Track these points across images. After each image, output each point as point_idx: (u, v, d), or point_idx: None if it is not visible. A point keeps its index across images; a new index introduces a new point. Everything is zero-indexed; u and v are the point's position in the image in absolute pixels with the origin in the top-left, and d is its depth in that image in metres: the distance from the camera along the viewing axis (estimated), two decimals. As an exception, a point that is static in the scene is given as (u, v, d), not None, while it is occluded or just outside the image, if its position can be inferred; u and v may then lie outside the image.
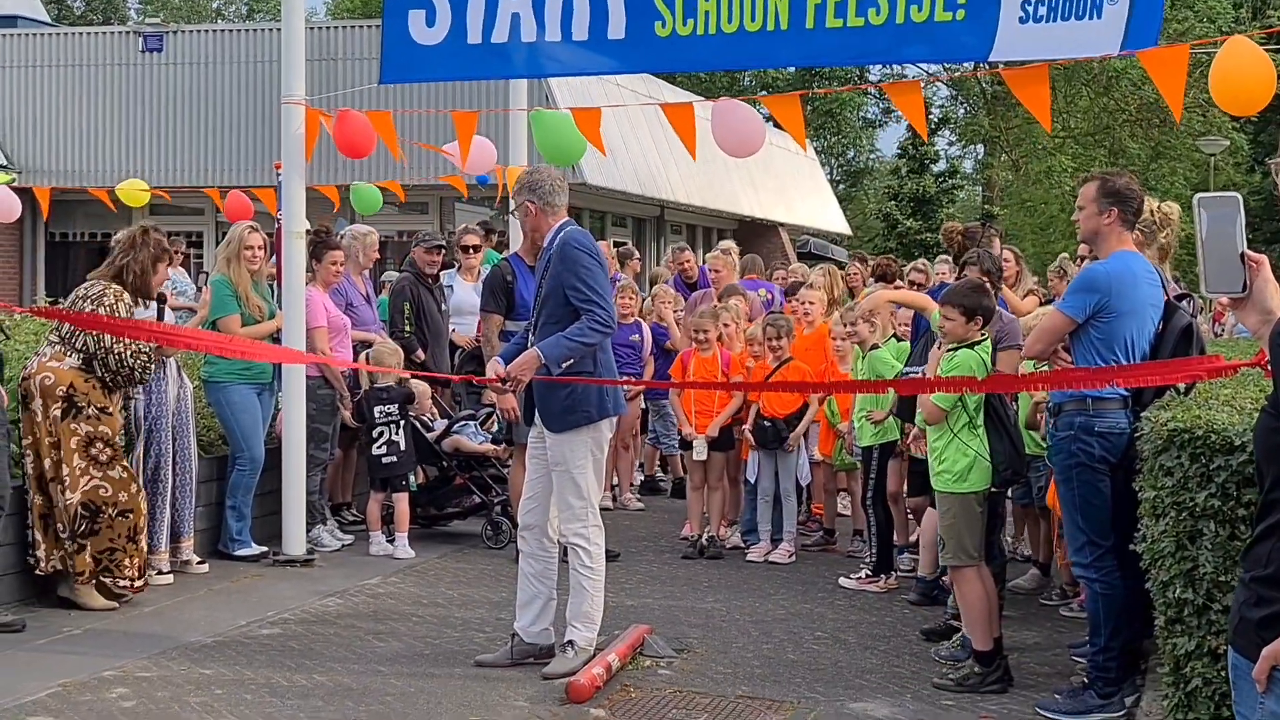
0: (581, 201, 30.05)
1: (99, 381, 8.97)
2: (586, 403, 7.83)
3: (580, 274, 7.82)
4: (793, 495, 11.15)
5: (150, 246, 9.25)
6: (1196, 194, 3.78)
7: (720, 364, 11.39)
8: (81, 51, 29.16)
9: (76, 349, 8.94)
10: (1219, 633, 6.03)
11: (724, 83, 54.30)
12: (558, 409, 7.82)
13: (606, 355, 8.09)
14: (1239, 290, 3.65)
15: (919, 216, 50.07)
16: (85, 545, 8.92)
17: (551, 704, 7.28)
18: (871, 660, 8.20)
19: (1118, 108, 47.81)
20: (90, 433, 8.91)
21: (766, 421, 11.05)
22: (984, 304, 7.92)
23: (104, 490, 8.94)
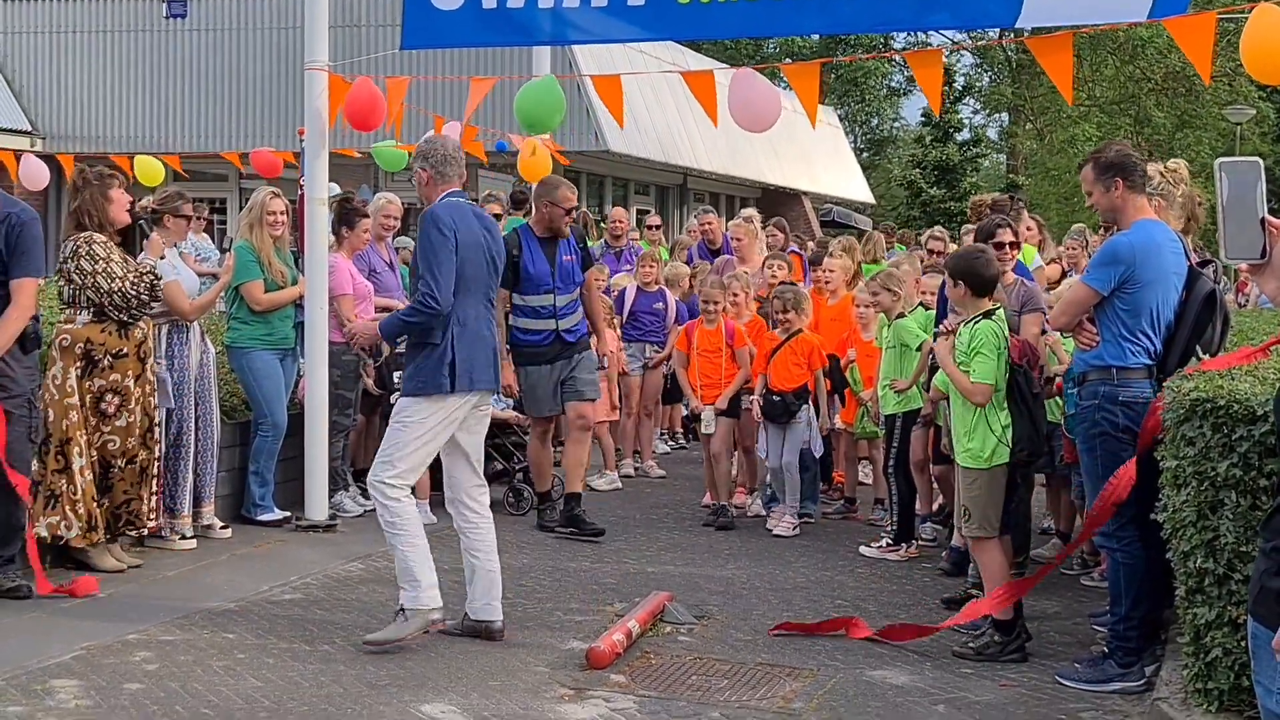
0: (604, 169, 30.07)
1: (115, 325, 8.97)
2: (432, 374, 7.61)
3: (423, 248, 7.71)
4: (795, 468, 10.93)
5: (91, 181, 9.10)
6: (1218, 158, 3.74)
7: (724, 335, 11.33)
8: (106, 17, 29.19)
9: (83, 305, 8.96)
10: (1239, 603, 6.02)
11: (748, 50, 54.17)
12: (408, 374, 7.81)
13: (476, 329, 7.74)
14: (1258, 256, 3.61)
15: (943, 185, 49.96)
16: (103, 503, 8.97)
17: (572, 670, 7.30)
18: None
19: (1143, 76, 47.57)
20: (103, 385, 8.92)
21: (775, 395, 10.92)
22: (974, 269, 7.90)
23: (112, 444, 8.98)
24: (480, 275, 7.82)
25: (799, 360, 10.94)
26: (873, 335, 11.07)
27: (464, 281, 7.69)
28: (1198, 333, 7.18)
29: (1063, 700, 7.01)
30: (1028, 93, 51.73)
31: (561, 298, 10.67)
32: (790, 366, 10.91)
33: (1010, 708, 6.90)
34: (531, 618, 8.33)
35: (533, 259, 10.61)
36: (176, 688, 6.80)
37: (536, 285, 10.63)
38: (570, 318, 10.71)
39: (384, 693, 6.84)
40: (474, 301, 7.76)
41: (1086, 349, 7.32)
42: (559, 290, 10.65)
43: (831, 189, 40.42)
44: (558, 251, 10.68)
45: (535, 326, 10.67)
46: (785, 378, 10.93)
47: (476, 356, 7.71)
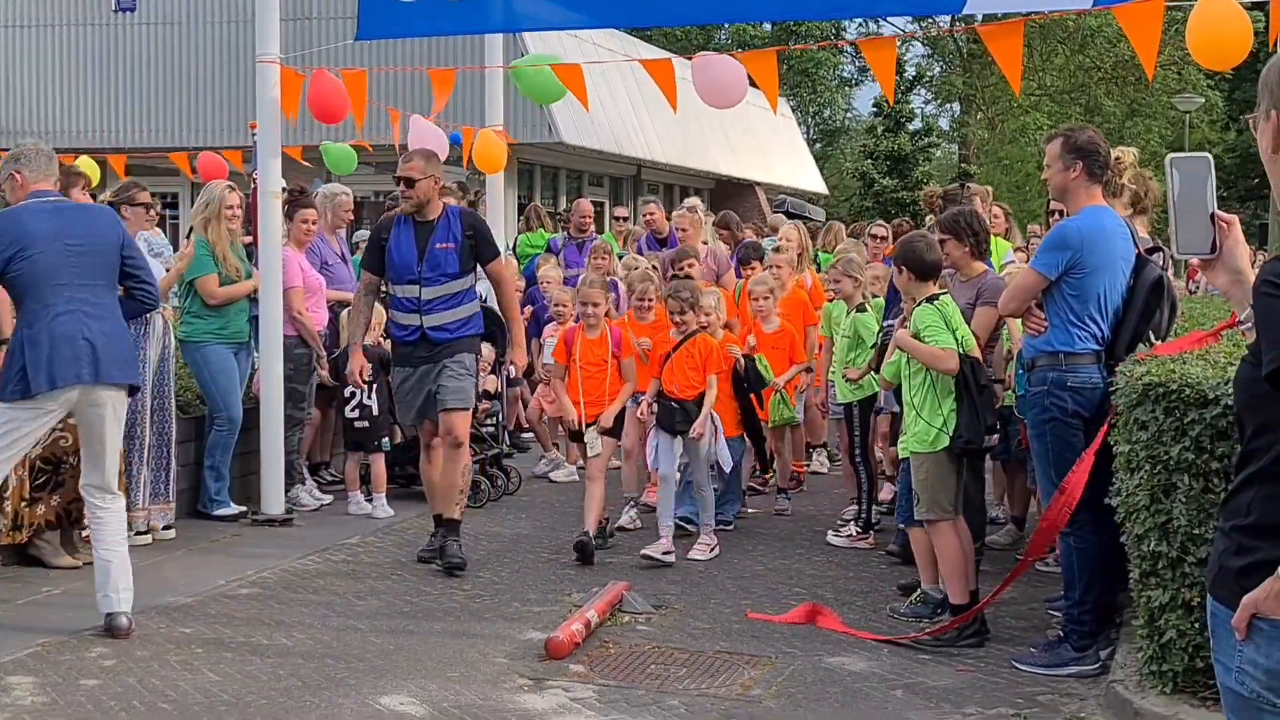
0: (558, 161, 30.04)
1: None
2: (6, 378, 7.43)
3: None
4: (706, 485, 9.91)
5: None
6: (1170, 154, 3.76)
7: (610, 344, 9.94)
8: (53, 11, 28.98)
9: None
10: (1193, 585, 6.08)
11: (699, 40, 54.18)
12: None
13: (53, 328, 7.38)
14: (1209, 251, 3.63)
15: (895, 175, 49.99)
16: (41, 500, 8.91)
17: (531, 660, 7.31)
18: (849, 615, 8.24)
19: (1093, 65, 47.85)
20: None
21: (672, 401, 9.83)
22: (915, 254, 7.97)
23: (64, 440, 8.93)
24: (57, 268, 7.42)
25: (696, 365, 9.82)
26: (775, 326, 11.08)
27: (32, 281, 7.40)
28: (1146, 318, 7.23)
29: (1019, 684, 7.06)
30: (979, 82, 51.92)
31: (428, 290, 9.34)
32: (688, 371, 9.81)
33: (967, 692, 6.94)
34: (489, 609, 8.34)
35: (399, 244, 9.46)
36: (134, 683, 6.78)
37: (400, 274, 9.45)
38: (440, 314, 9.36)
39: (342, 685, 6.84)
40: (50, 299, 7.39)
41: (1035, 335, 7.37)
42: (425, 281, 9.34)
43: (785, 180, 40.48)
44: (431, 237, 9.39)
45: (402, 321, 9.48)
46: (683, 384, 9.82)
47: (56, 354, 7.33)
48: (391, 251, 9.42)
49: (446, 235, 9.38)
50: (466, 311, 9.43)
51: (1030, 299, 7.32)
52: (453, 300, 9.36)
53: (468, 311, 9.45)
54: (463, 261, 9.38)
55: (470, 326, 9.44)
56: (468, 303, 9.46)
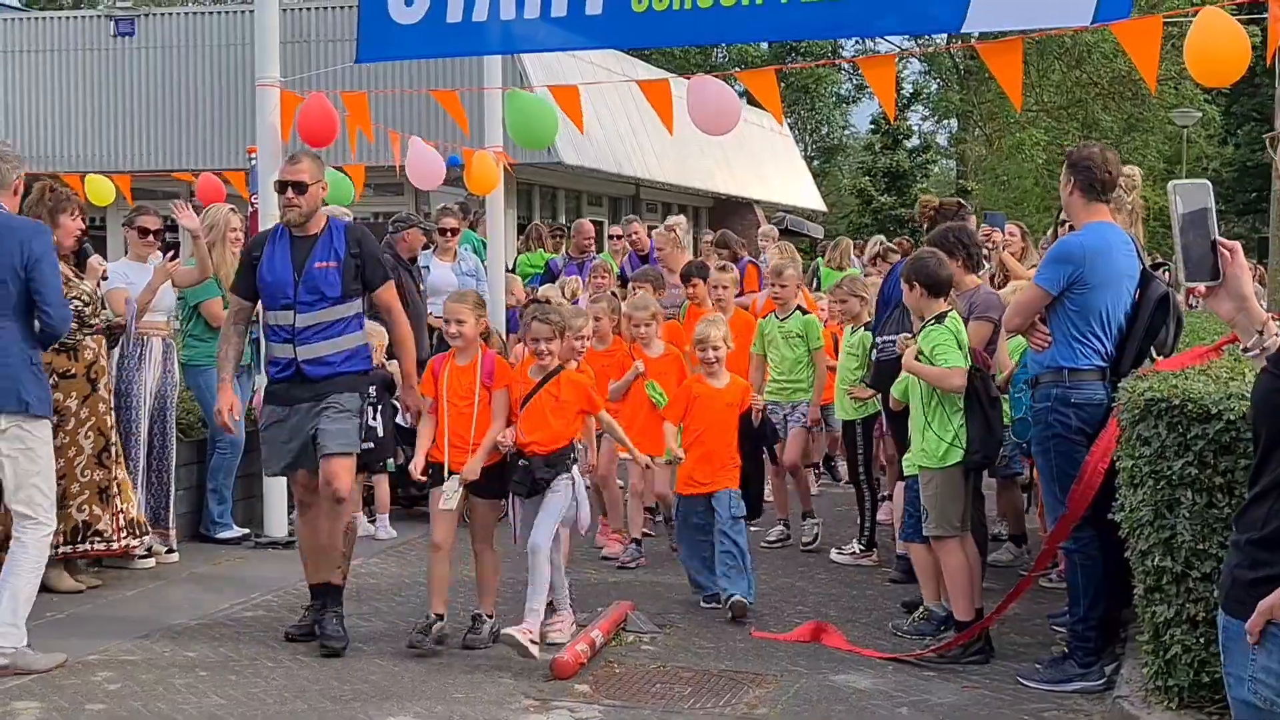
0: (556, 180, 30.08)
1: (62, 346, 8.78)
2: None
3: None
4: (543, 551, 7.90)
5: (46, 201, 8.92)
6: (1172, 181, 3.73)
7: (479, 372, 8.05)
8: (53, 36, 29.04)
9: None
10: (1198, 600, 6.08)
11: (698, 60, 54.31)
12: None
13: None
14: (1212, 279, 3.59)
15: (893, 192, 50.10)
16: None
17: (536, 680, 7.30)
18: (854, 633, 8.24)
19: (1090, 81, 47.93)
20: None
21: (522, 460, 8.00)
22: (927, 271, 7.98)
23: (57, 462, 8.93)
24: None
25: (562, 409, 8.06)
26: (659, 351, 10.32)
27: None
28: (1151, 334, 7.23)
29: (1025, 701, 7.06)
30: (976, 99, 52.03)
31: (304, 316, 8.00)
32: (549, 418, 8.00)
33: (973, 709, 6.94)
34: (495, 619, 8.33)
35: (271, 263, 8.12)
36: (139, 707, 6.79)
37: (273, 297, 8.13)
38: (316, 345, 8.01)
39: (348, 707, 6.84)
40: None
41: (1039, 351, 7.37)
42: (300, 306, 8.01)
43: (783, 197, 40.52)
44: (310, 255, 8.09)
45: (275, 353, 8.17)
46: (544, 435, 7.99)
47: None
48: (263, 271, 8.13)
49: (327, 252, 8.11)
50: (350, 343, 8.11)
51: (1033, 314, 7.31)
52: (332, 329, 8.02)
53: (352, 343, 8.12)
54: (345, 283, 8.09)
55: (356, 361, 8.11)
56: (351, 332, 8.12)
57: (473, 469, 7.91)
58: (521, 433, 7.99)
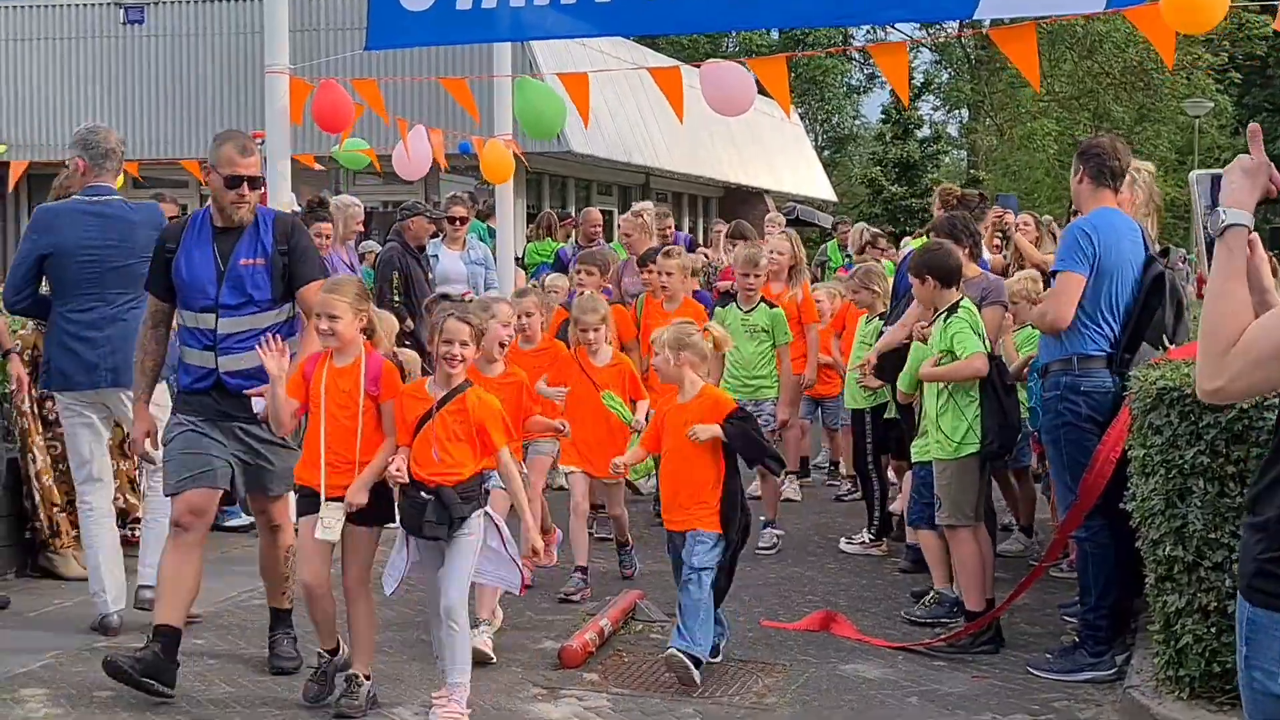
0: (565, 169, 30.05)
1: None
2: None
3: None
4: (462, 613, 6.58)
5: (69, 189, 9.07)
6: (1193, 171, 3.62)
7: (362, 376, 6.70)
8: (63, 25, 29.04)
9: None
10: (1209, 590, 6.06)
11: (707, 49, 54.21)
12: None
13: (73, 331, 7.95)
14: None
15: (904, 182, 50.00)
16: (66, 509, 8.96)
17: (544, 669, 7.30)
18: (863, 623, 8.22)
19: (1102, 71, 47.80)
20: (45, 392, 8.90)
21: (425, 493, 6.54)
22: (937, 263, 8.00)
23: (54, 449, 8.95)
24: (85, 277, 7.92)
25: (465, 432, 6.65)
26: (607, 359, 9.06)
27: (62, 284, 7.95)
28: (1148, 314, 7.19)
29: (1035, 690, 7.04)
30: (987, 89, 51.94)
31: (227, 320, 7.04)
32: (448, 444, 6.62)
33: (983, 699, 6.93)
34: (505, 621, 8.31)
35: (190, 258, 7.12)
36: (146, 696, 6.76)
37: (192, 297, 7.11)
38: (240, 355, 7.01)
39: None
40: (75, 304, 7.86)
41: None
42: (223, 309, 7.04)
43: (794, 187, 40.46)
44: (236, 249, 7.10)
45: (191, 360, 7.16)
46: (444, 460, 6.60)
47: (67, 360, 7.93)
48: (181, 267, 7.12)
49: (254, 248, 7.14)
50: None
51: (1078, 298, 7.20)
52: (260, 336, 6.88)
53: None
54: (275, 284, 7.12)
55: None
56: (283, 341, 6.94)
57: (359, 493, 6.62)
58: (414, 462, 6.61)
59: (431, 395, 6.69)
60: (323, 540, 6.67)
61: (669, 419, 7.47)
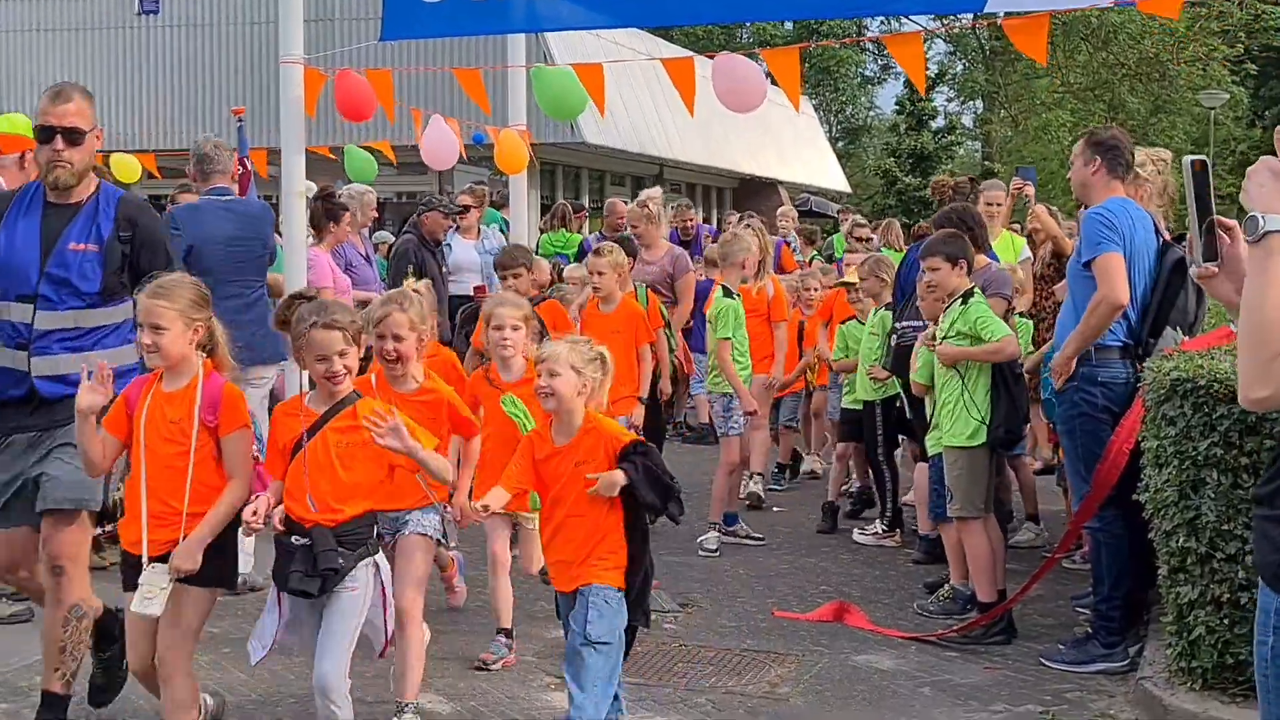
0: (580, 160, 30.06)
1: None
2: None
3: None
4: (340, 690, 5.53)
5: None
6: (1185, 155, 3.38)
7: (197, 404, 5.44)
8: (79, 15, 29.12)
9: None
10: (1222, 581, 6.07)
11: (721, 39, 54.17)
12: None
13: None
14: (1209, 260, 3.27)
15: (918, 173, 49.95)
16: None
17: (557, 658, 7.28)
18: (876, 613, 8.23)
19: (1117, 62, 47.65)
20: None
21: (298, 536, 5.42)
22: (962, 248, 8.08)
23: None
24: (228, 265, 8.77)
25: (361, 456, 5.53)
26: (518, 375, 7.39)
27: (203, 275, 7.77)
28: (1170, 301, 7.19)
29: (1047, 681, 7.05)
30: (1002, 80, 51.82)
31: (45, 315, 5.99)
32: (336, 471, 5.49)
33: (995, 689, 6.93)
34: (516, 608, 8.31)
35: (10, 236, 6.04)
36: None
37: (8, 283, 6.01)
38: (59, 357, 5.99)
39: (372, 684, 6.83)
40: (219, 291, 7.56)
41: None
42: (42, 300, 5.98)
43: (807, 178, 40.46)
44: (66, 231, 6.04)
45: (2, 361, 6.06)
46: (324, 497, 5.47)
47: None
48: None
49: (88, 230, 6.06)
50: (112, 359, 5.76)
51: (1124, 276, 7.10)
52: (86, 338, 6.02)
53: (114, 359, 5.81)
54: (107, 275, 6.06)
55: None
56: (114, 345, 6.08)
57: (188, 556, 5.30)
58: (289, 498, 5.47)
59: (313, 411, 5.56)
60: (141, 615, 5.34)
61: (554, 463, 5.77)
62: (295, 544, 5.40)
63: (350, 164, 14.55)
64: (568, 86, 10.93)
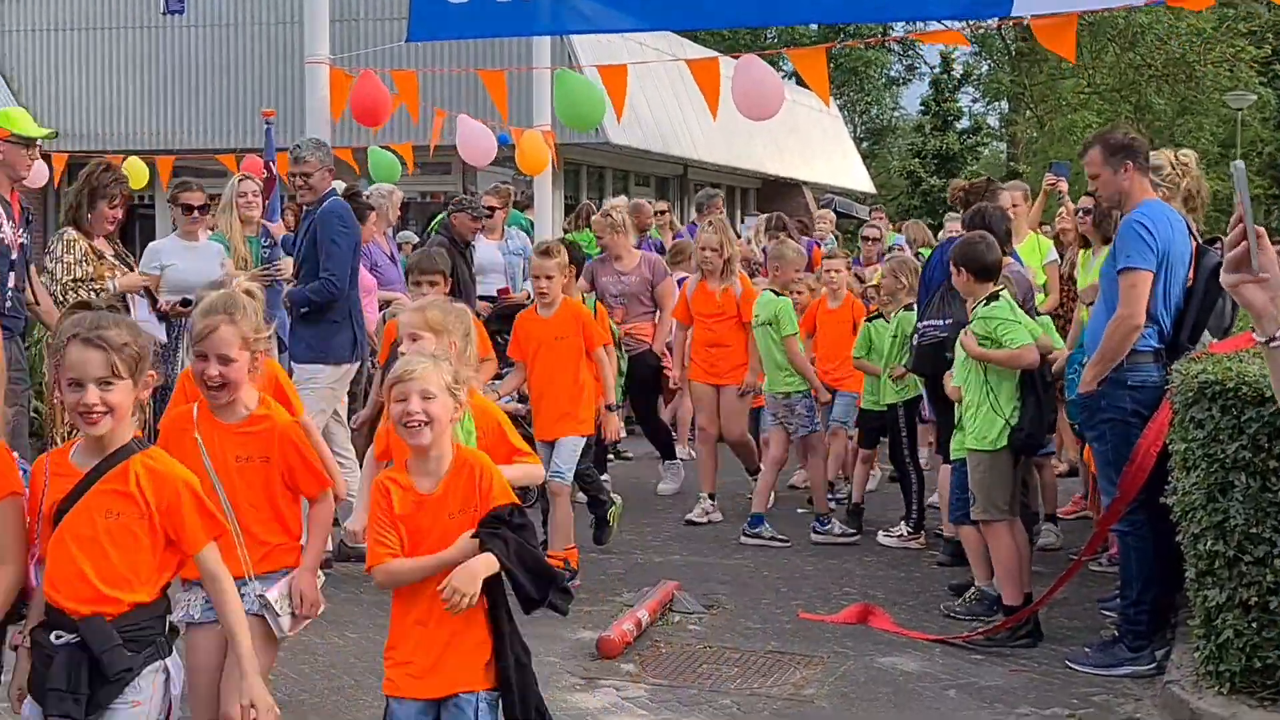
0: (604, 160, 30.06)
1: None
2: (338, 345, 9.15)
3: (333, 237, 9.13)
4: None
5: (90, 181, 9.17)
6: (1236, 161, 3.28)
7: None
8: (103, 14, 29.16)
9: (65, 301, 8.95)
10: (1250, 584, 6.04)
11: (747, 40, 54.12)
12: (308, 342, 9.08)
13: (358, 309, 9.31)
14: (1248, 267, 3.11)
15: (943, 174, 49.84)
16: None
17: (582, 659, 7.31)
18: (901, 615, 8.20)
19: (1143, 63, 47.51)
20: None
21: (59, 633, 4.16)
22: (975, 255, 7.98)
23: None
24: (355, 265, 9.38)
25: (138, 528, 4.23)
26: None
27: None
28: (1208, 307, 7.16)
29: (1074, 684, 7.02)
30: (1027, 80, 51.68)
31: None
32: (104, 546, 4.21)
33: (1021, 692, 6.91)
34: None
35: None
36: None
37: None
38: None
39: (395, 684, 6.83)
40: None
41: None
42: None
43: (832, 179, 40.36)
44: None
45: None
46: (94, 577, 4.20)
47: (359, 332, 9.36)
48: None
49: None
50: None
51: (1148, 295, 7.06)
52: None
53: None
54: None
55: None
56: None
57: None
58: (49, 584, 4.21)
59: (77, 469, 4.27)
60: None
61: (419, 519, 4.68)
62: (55, 645, 4.12)
63: (375, 166, 14.59)
64: (587, 96, 10.94)
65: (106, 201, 9.12)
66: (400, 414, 4.59)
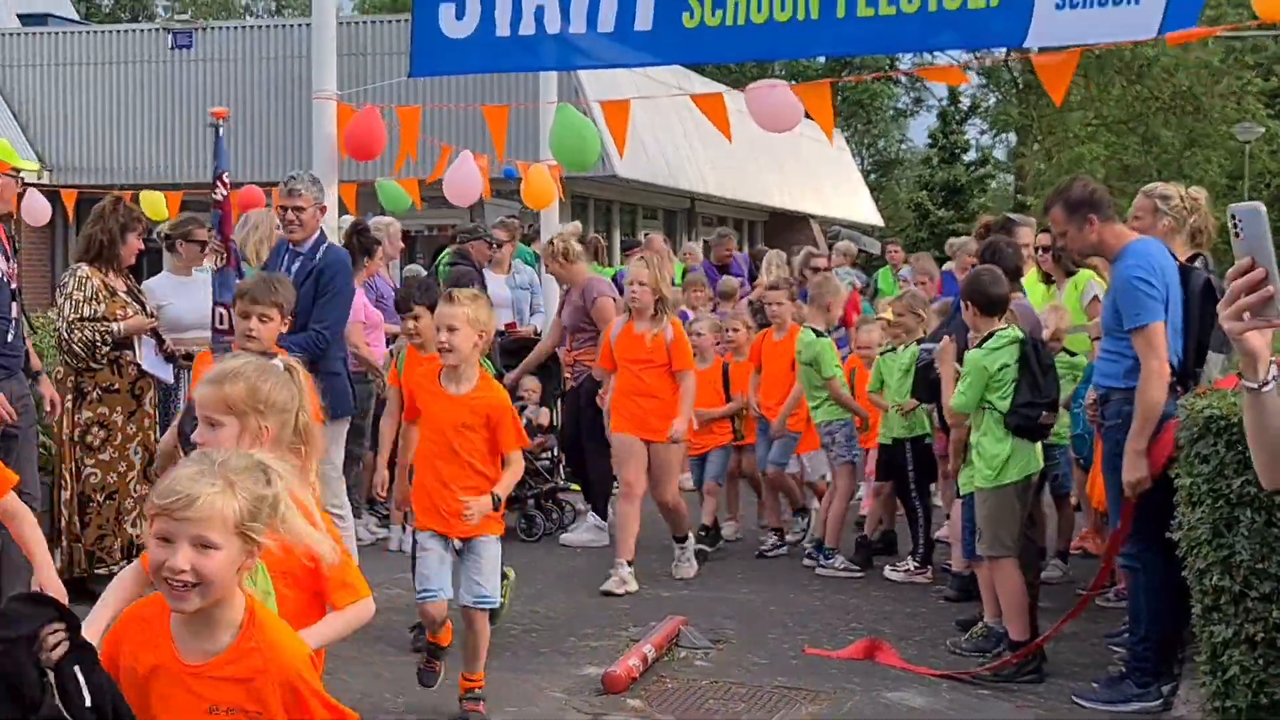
0: (612, 194, 30.11)
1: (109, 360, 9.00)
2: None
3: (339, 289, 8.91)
4: None
5: (119, 215, 9.22)
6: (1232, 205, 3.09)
7: None
8: (111, 49, 29.32)
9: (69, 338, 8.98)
10: (1257, 620, 6.00)
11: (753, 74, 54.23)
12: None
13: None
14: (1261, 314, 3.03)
15: (950, 206, 49.88)
16: (81, 540, 8.97)
17: (588, 695, 7.29)
18: (908, 651, 8.17)
19: (1150, 95, 47.61)
20: (89, 418, 8.95)
21: None
22: (981, 289, 7.97)
23: (94, 477, 8.99)
24: None
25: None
26: None
27: None
28: (1206, 326, 7.13)
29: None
30: (1035, 112, 51.78)
31: None
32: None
33: (1028, 729, 6.88)
34: (545, 643, 8.31)
35: None
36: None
37: None
38: None
39: (401, 719, 6.84)
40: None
41: None
42: None
43: (839, 212, 40.44)
44: None
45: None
46: None
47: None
48: None
49: None
50: None
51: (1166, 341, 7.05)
52: None
53: None
54: None
55: None
56: None
57: None
58: None
59: None
60: None
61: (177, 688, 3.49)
62: None
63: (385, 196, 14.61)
64: (582, 136, 10.94)
65: (135, 233, 9.25)
66: (158, 564, 3.28)
